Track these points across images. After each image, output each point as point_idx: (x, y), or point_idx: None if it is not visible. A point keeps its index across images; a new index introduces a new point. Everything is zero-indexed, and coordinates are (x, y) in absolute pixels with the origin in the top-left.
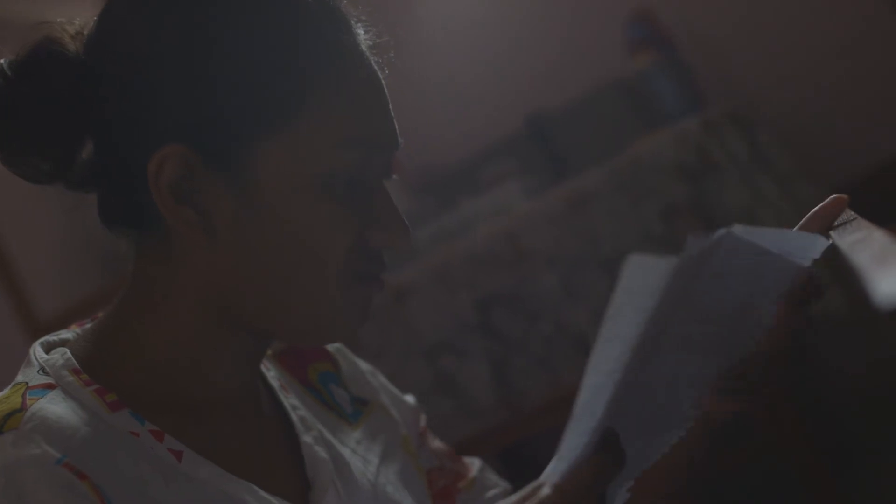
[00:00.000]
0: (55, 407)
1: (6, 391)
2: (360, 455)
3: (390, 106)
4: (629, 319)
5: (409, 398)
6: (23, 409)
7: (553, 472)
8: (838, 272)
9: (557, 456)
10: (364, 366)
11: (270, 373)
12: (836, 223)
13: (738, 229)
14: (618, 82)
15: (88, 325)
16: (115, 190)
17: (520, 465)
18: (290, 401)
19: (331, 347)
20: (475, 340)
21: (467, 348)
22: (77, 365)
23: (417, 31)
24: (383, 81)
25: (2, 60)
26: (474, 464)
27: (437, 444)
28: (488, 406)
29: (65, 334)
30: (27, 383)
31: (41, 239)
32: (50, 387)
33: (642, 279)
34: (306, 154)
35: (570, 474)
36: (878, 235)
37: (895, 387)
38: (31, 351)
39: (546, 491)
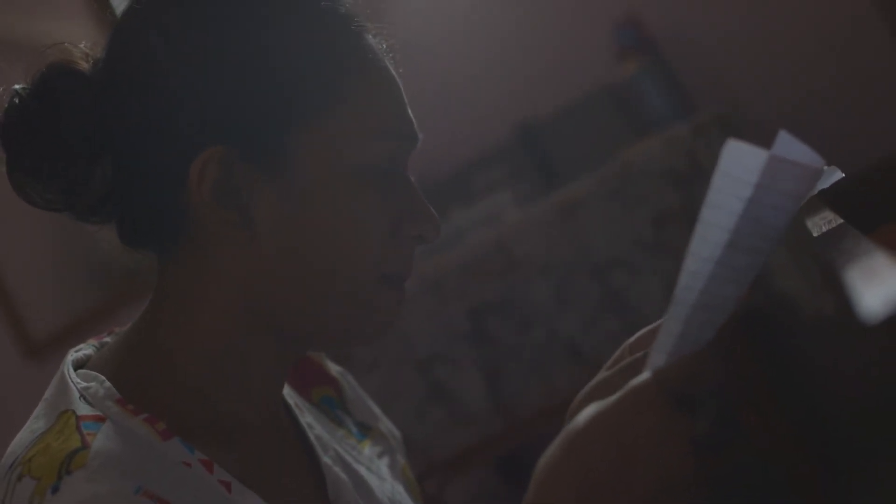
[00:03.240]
0: (114, 441)
1: (55, 422)
2: (374, 472)
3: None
4: (727, 207)
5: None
6: (85, 446)
7: (650, 363)
8: (830, 278)
9: (654, 346)
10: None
11: (285, 390)
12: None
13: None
14: (607, 89)
15: (109, 341)
16: (143, 206)
17: (515, 472)
18: (305, 419)
19: (335, 372)
20: (468, 349)
21: (460, 357)
22: (119, 394)
23: (405, 41)
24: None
25: (15, 86)
26: None
27: None
28: (482, 415)
29: (86, 349)
30: (75, 413)
31: (35, 257)
32: (99, 419)
33: (740, 166)
34: (343, 144)
35: (671, 364)
36: (866, 244)
37: (888, 394)
38: (65, 371)
39: (644, 376)
